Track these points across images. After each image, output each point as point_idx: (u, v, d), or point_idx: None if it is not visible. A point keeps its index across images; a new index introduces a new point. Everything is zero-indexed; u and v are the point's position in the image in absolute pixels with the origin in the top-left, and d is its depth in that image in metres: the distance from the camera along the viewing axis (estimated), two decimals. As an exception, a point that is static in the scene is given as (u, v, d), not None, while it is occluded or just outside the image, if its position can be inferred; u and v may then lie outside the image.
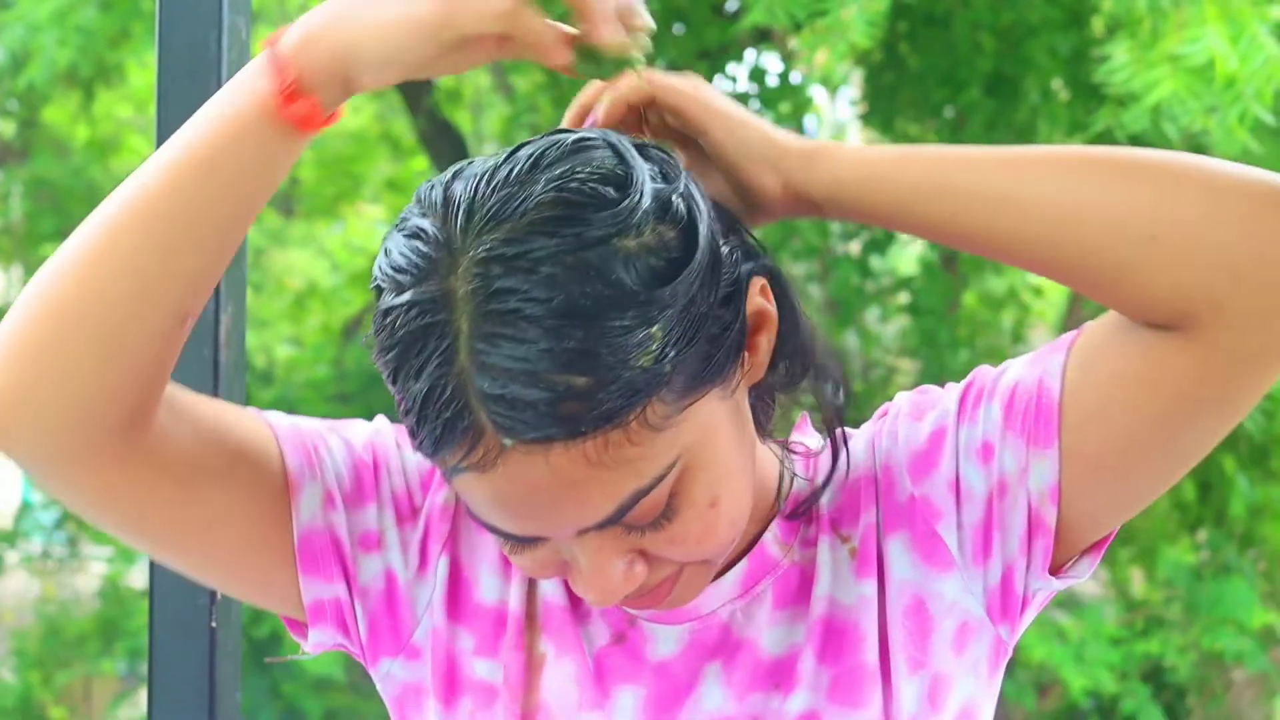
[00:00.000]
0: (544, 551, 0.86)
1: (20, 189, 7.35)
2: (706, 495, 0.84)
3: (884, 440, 0.97)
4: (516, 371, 0.77)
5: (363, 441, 0.98)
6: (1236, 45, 2.94)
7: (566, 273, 0.78)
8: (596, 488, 0.80)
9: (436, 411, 0.79)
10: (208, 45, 1.23)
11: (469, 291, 0.78)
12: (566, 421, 0.77)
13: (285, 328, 8.50)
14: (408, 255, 0.81)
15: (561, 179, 0.81)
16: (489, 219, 0.80)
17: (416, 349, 0.79)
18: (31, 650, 7.11)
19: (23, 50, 5.12)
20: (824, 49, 3.17)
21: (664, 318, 0.79)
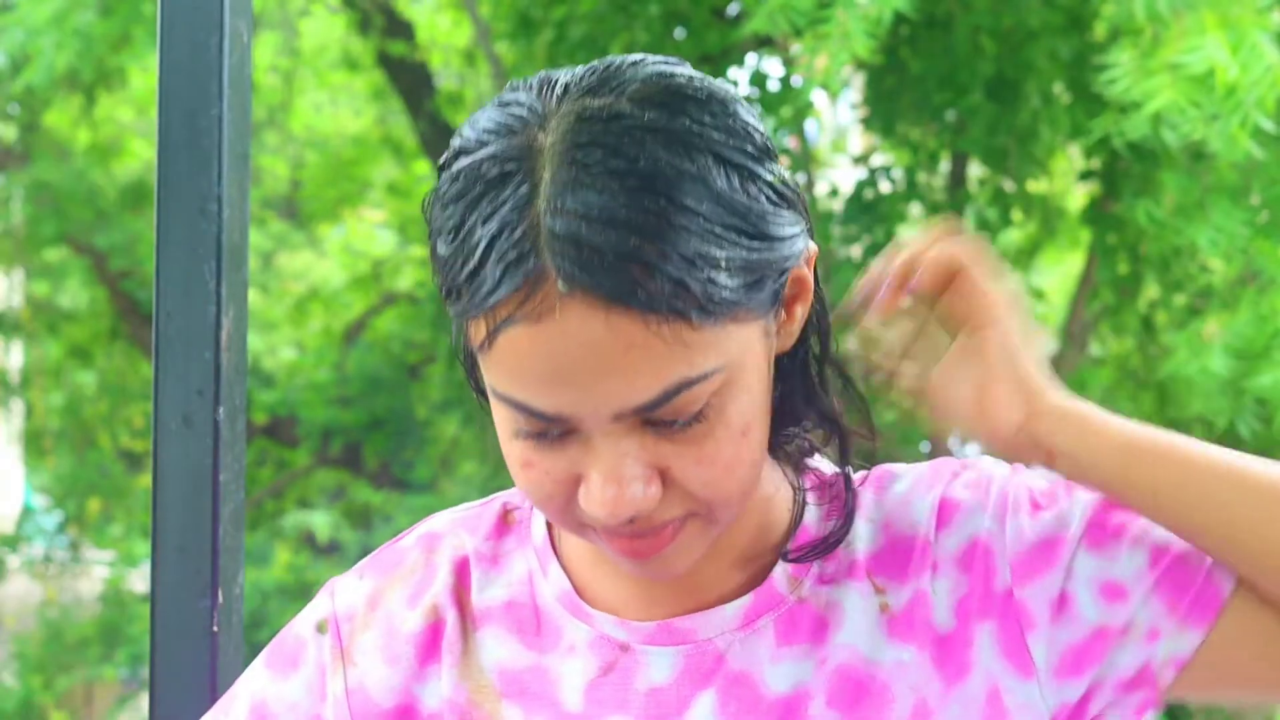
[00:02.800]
0: (564, 456, 0.83)
1: (21, 193, 7.36)
2: (740, 419, 0.84)
3: (980, 519, 0.94)
4: (592, 218, 0.77)
5: (245, 718, 0.99)
6: (1237, 54, 2.94)
7: (659, 143, 0.79)
8: (647, 364, 0.79)
9: (501, 253, 0.78)
10: (209, 49, 1.23)
11: (554, 142, 0.79)
12: (633, 283, 0.77)
13: (287, 331, 8.51)
14: (495, 119, 0.82)
15: (669, 73, 0.83)
16: (586, 90, 0.82)
17: (492, 194, 0.79)
18: (33, 654, 7.12)
19: (22, 54, 5.13)
20: (824, 54, 3.17)
21: (738, 221, 0.80)
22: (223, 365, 1.24)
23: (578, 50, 4.74)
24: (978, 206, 4.95)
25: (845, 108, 7.18)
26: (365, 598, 0.99)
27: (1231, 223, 3.59)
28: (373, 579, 1.00)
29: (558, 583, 0.96)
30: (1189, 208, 3.67)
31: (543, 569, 0.97)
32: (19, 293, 8.56)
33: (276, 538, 7.44)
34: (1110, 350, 5.71)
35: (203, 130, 1.23)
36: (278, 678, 0.99)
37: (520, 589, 0.97)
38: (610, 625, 0.94)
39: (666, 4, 4.58)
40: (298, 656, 0.99)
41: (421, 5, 7.35)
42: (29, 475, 10.09)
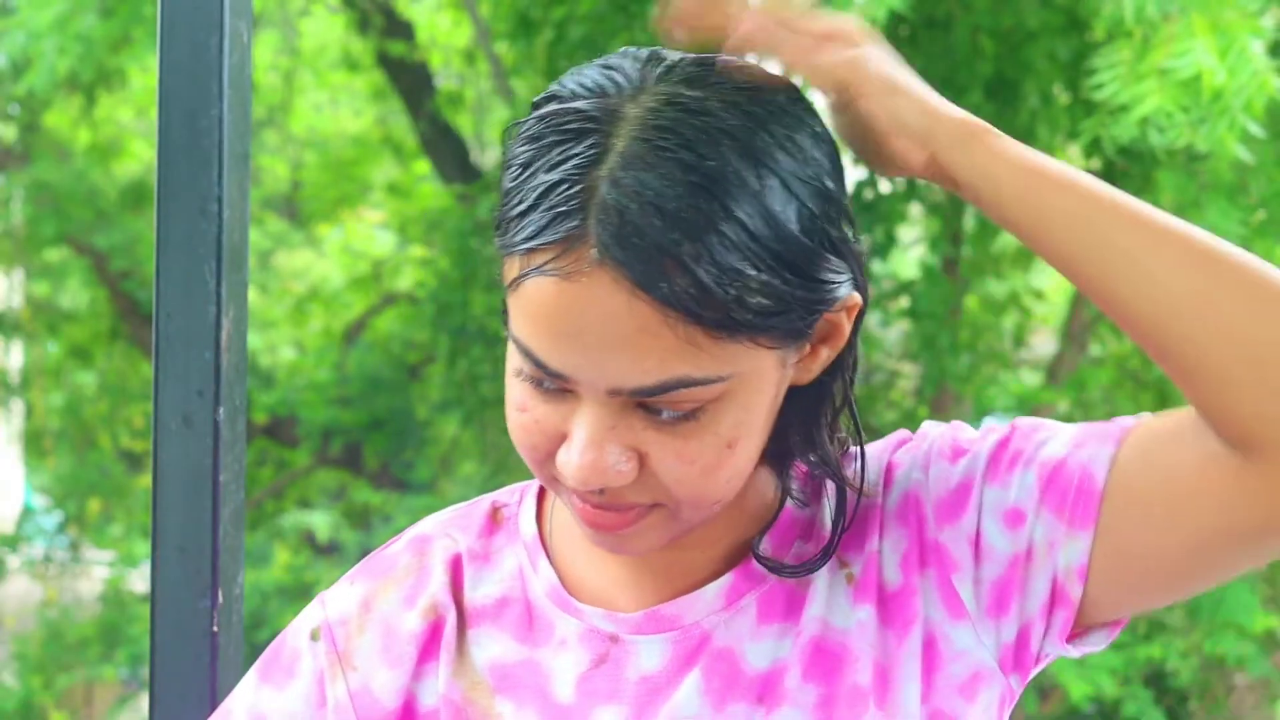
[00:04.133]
0: (555, 411, 0.85)
1: (22, 193, 7.36)
2: (729, 431, 0.85)
3: (912, 471, 0.96)
4: (645, 200, 0.79)
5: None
6: (1225, 58, 2.94)
7: (734, 150, 0.81)
8: (657, 351, 0.81)
9: (552, 203, 0.80)
10: (209, 49, 1.23)
11: (637, 116, 0.81)
12: (662, 274, 0.79)
13: (287, 331, 8.51)
14: (596, 78, 0.85)
15: (763, 89, 0.85)
16: (685, 77, 0.84)
17: (565, 145, 0.82)
18: (33, 654, 7.12)
19: (23, 57, 5.13)
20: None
21: (782, 249, 0.81)
22: (223, 365, 1.24)
23: (577, 50, 4.74)
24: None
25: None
26: (358, 602, 1.00)
27: (1228, 221, 3.59)
28: (364, 583, 1.01)
29: (547, 578, 0.97)
30: (1186, 207, 3.67)
31: (532, 564, 0.98)
32: (19, 293, 8.56)
33: (276, 538, 7.44)
34: (1110, 350, 5.71)
35: (203, 130, 1.23)
36: (273, 690, 1.00)
37: (512, 585, 0.98)
38: (599, 618, 0.95)
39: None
40: (293, 667, 1.00)
41: (421, 5, 7.35)
42: (29, 475, 10.09)
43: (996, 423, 0.97)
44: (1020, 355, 5.94)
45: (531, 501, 1.01)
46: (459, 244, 5.66)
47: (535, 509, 1.01)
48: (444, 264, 6.01)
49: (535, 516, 1.00)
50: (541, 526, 1.00)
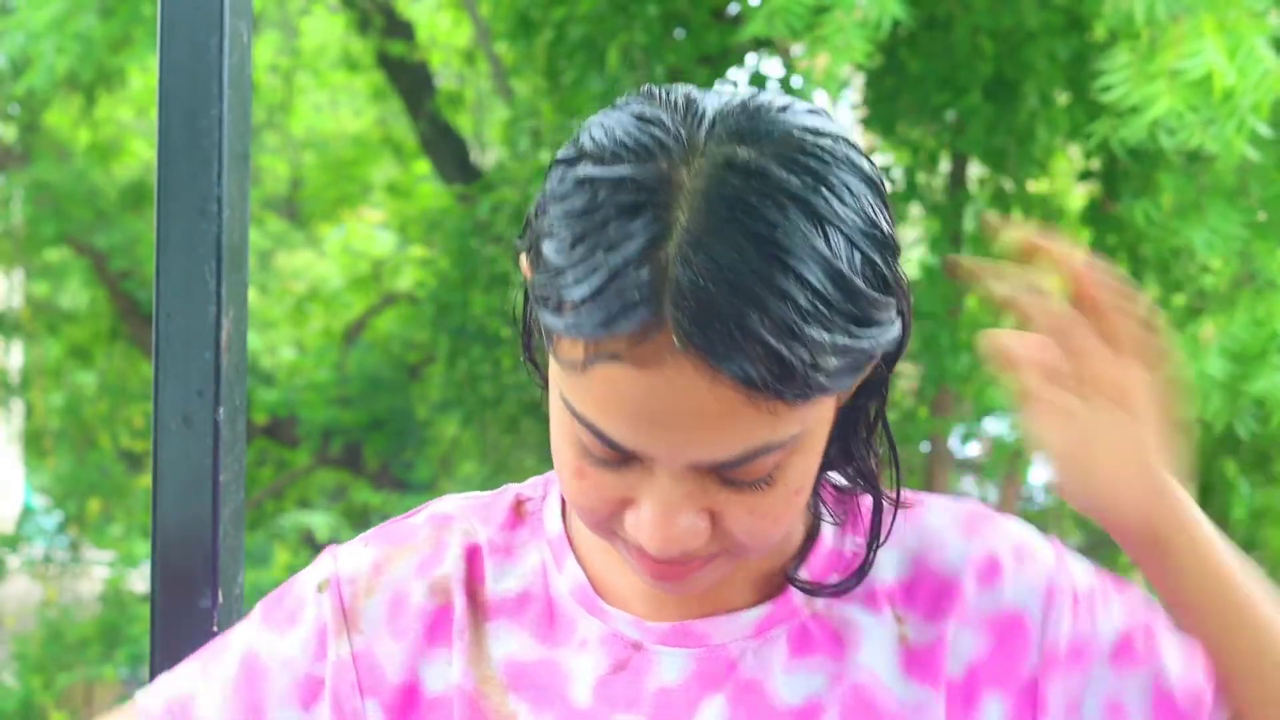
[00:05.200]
0: (621, 481, 0.83)
1: (21, 193, 7.36)
2: (797, 480, 0.84)
3: (1025, 593, 0.96)
4: (721, 280, 0.75)
5: (235, 668, 0.98)
6: (1234, 58, 2.93)
7: (800, 213, 0.77)
8: (738, 427, 0.79)
9: (621, 289, 0.76)
10: (209, 49, 1.23)
11: (700, 188, 0.77)
12: (747, 357, 0.76)
13: (287, 331, 8.51)
14: (634, 134, 0.80)
15: (818, 130, 0.82)
16: (736, 132, 0.80)
17: (621, 221, 0.77)
18: (33, 654, 7.12)
19: (22, 57, 5.13)
20: (824, 55, 3.18)
21: (852, 307, 0.79)
22: (223, 365, 1.24)
23: (577, 51, 4.74)
24: (978, 206, 4.95)
25: (845, 108, 7.18)
26: (370, 563, 0.98)
27: (1228, 224, 3.59)
28: (378, 547, 0.99)
29: (573, 577, 0.96)
30: (1186, 208, 3.67)
31: (557, 562, 0.97)
32: (19, 293, 8.56)
33: (276, 538, 7.44)
34: (1110, 350, 5.71)
35: (203, 130, 1.23)
36: (273, 632, 0.98)
37: (534, 581, 0.97)
38: (625, 623, 0.94)
39: (666, 5, 4.58)
40: (296, 614, 0.98)
41: (421, 5, 7.35)
42: (29, 475, 10.09)
43: (1117, 590, 1.00)
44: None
45: (556, 497, 0.99)
46: (459, 244, 5.66)
47: (560, 505, 0.99)
48: (444, 264, 6.02)
49: (560, 513, 0.99)
50: (566, 524, 0.98)
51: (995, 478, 5.68)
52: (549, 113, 5.19)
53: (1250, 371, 3.53)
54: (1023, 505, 6.70)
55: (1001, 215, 4.86)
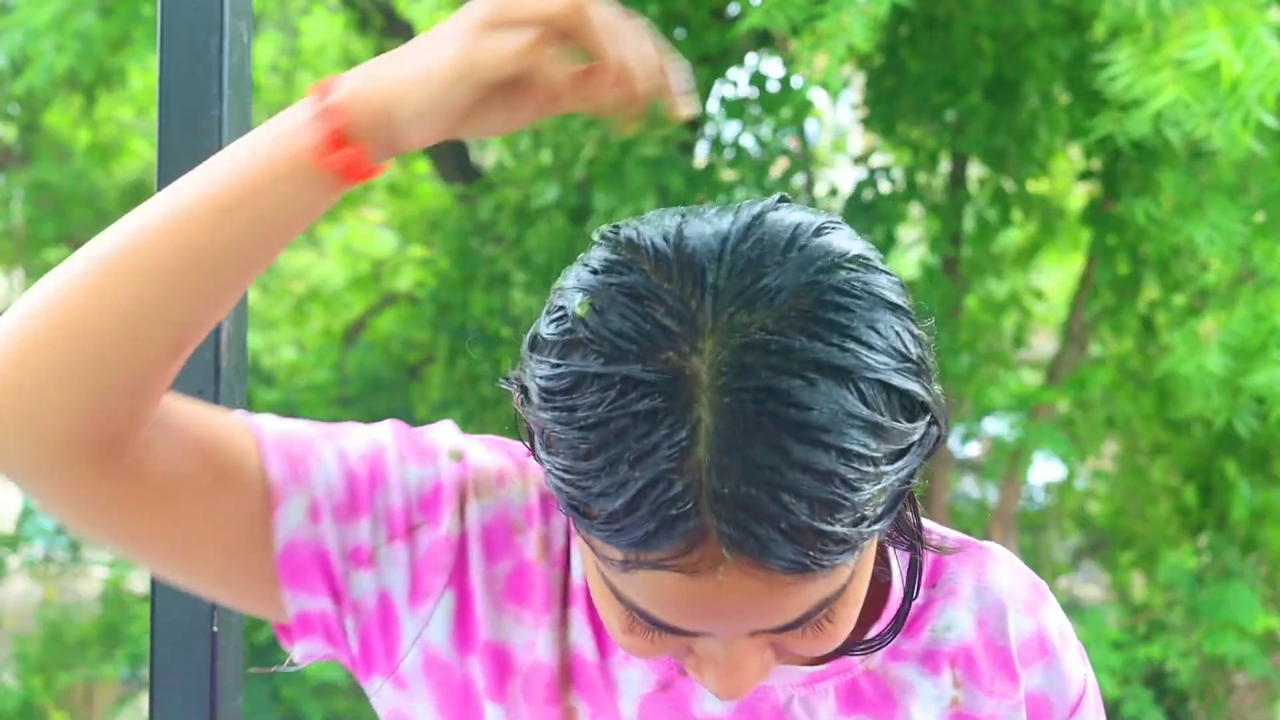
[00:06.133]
0: (678, 641, 0.81)
1: (21, 193, 7.36)
2: (856, 595, 0.82)
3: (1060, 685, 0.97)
4: (762, 481, 0.70)
5: (360, 452, 0.91)
6: (1240, 48, 2.93)
7: (832, 381, 0.72)
8: (799, 598, 0.76)
9: (655, 507, 0.71)
10: (209, 49, 1.23)
11: (719, 382, 0.71)
12: (802, 552, 0.72)
13: (287, 330, 8.51)
14: (633, 319, 0.73)
15: (829, 263, 0.76)
16: (742, 299, 0.73)
17: (640, 433, 0.71)
18: (33, 654, 7.11)
19: (22, 56, 5.13)
20: (822, 52, 3.17)
21: (894, 448, 0.75)
22: (223, 365, 1.24)
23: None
24: (978, 206, 4.95)
25: (845, 108, 7.17)
26: (495, 470, 0.94)
27: (1229, 220, 3.60)
28: (503, 460, 0.95)
29: None
30: (1187, 206, 3.67)
31: None
32: (19, 293, 8.56)
33: (276, 538, 7.43)
34: (1110, 350, 5.71)
35: (203, 130, 1.23)
36: (403, 451, 0.92)
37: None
38: None
39: (666, 5, 4.58)
40: (430, 456, 0.93)
41: (421, 5, 7.35)
42: (29, 475, 10.08)
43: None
44: (1020, 355, 5.94)
45: None
46: (459, 244, 5.66)
47: None
48: (444, 264, 6.02)
49: None
50: None
51: (995, 478, 5.68)
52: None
53: (1250, 366, 3.53)
54: (1023, 505, 6.70)
55: (1000, 215, 4.86)
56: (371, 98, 0.79)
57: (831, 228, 0.79)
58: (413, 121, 0.78)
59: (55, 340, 0.80)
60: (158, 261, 0.79)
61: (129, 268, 0.79)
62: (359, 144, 0.79)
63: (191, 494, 0.86)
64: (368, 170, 0.79)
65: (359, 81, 0.80)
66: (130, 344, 0.80)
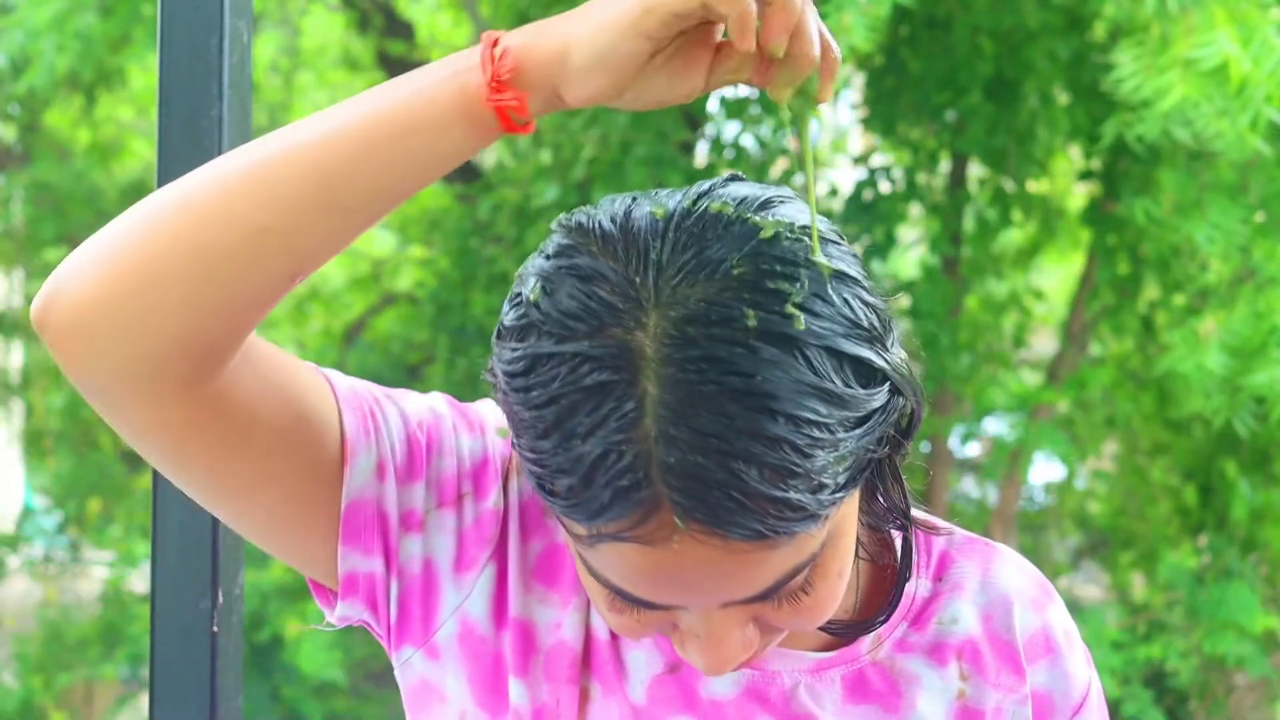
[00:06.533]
0: (659, 616, 0.82)
1: (22, 193, 7.36)
2: (837, 566, 0.82)
3: (1065, 685, 0.97)
4: (710, 449, 0.71)
5: (418, 416, 0.92)
6: (1248, 48, 2.93)
7: (776, 347, 0.73)
8: (762, 566, 0.76)
9: (608, 479, 0.73)
10: (209, 49, 1.23)
11: (662, 353, 0.73)
12: (755, 517, 0.73)
13: (287, 331, 8.51)
14: (580, 299, 0.75)
15: (771, 234, 0.76)
16: (684, 271, 0.75)
17: (589, 407, 0.73)
18: (33, 654, 7.11)
19: (22, 56, 5.13)
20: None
21: (849, 414, 0.75)
22: (223, 365, 1.24)
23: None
24: (978, 206, 4.95)
25: (845, 108, 7.17)
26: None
27: (1229, 220, 3.59)
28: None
29: None
30: (1187, 206, 3.67)
31: None
32: (19, 293, 8.56)
33: (276, 538, 7.42)
34: (1110, 350, 5.71)
35: (203, 130, 1.23)
36: (459, 423, 0.94)
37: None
38: None
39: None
40: (479, 429, 0.94)
41: (421, 5, 7.35)
42: (29, 475, 10.09)
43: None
44: (1020, 355, 5.94)
45: None
46: (459, 244, 5.66)
47: None
48: (444, 264, 6.01)
49: None
50: None
51: (995, 478, 5.67)
52: (549, 112, 5.19)
53: (1250, 366, 3.53)
54: (1023, 505, 6.70)
55: (1000, 215, 4.86)
56: (542, 46, 0.78)
57: (780, 200, 0.80)
58: (583, 72, 0.78)
59: (173, 251, 0.78)
60: (296, 187, 0.78)
61: (266, 189, 0.78)
62: (525, 90, 0.78)
63: (272, 432, 0.85)
64: (523, 120, 0.79)
65: (531, 32, 0.80)
66: (250, 266, 0.79)
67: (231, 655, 1.27)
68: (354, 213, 0.80)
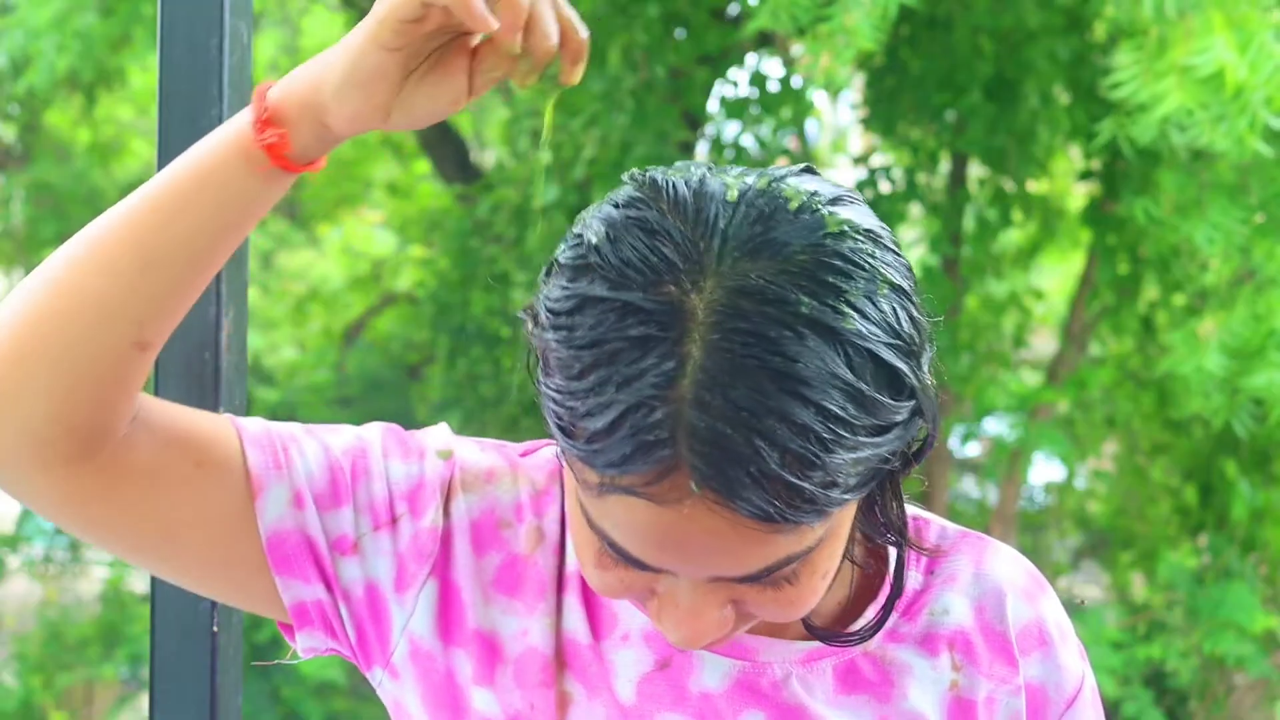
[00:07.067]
0: (643, 578, 0.82)
1: (22, 193, 7.36)
2: (825, 566, 0.83)
3: (1059, 679, 0.97)
4: (739, 423, 0.72)
5: (343, 446, 0.95)
6: (1245, 54, 2.93)
7: (821, 339, 0.74)
8: (760, 548, 0.77)
9: (634, 431, 0.74)
10: (209, 49, 1.23)
11: (712, 319, 0.73)
12: (768, 499, 0.73)
13: (287, 330, 8.52)
14: (642, 251, 0.76)
15: (840, 231, 0.77)
16: (748, 246, 0.76)
17: (631, 357, 0.74)
18: (33, 654, 7.12)
19: (22, 56, 5.13)
20: (827, 53, 3.17)
21: (874, 420, 0.76)
22: (223, 365, 1.24)
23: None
24: (978, 206, 4.95)
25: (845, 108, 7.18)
26: (484, 468, 0.97)
27: (1229, 221, 3.60)
28: (494, 459, 0.98)
29: None
30: (1187, 206, 3.67)
31: None
32: (19, 293, 8.56)
33: (276, 538, 7.42)
34: (1110, 350, 5.72)
35: (203, 130, 1.23)
36: (388, 449, 0.96)
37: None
38: None
39: (666, 5, 4.58)
40: (414, 454, 0.96)
41: (421, 5, 7.34)
42: (29, 475, 10.08)
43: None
44: (1020, 355, 5.94)
45: None
46: (459, 244, 5.66)
47: None
48: (444, 264, 6.02)
49: None
50: None
51: (995, 478, 5.68)
52: (549, 113, 5.19)
53: (1249, 367, 3.53)
54: (1023, 505, 6.70)
55: (1000, 215, 4.86)
56: (300, 79, 0.85)
57: (850, 200, 0.81)
58: (337, 94, 0.83)
59: (30, 335, 0.85)
60: (117, 259, 0.85)
61: (94, 265, 0.85)
62: (286, 125, 0.84)
63: (172, 484, 0.89)
64: (296, 158, 0.85)
65: (294, 72, 0.86)
66: (96, 337, 0.85)
67: (231, 655, 1.27)
68: (173, 269, 0.85)
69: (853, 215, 0.79)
